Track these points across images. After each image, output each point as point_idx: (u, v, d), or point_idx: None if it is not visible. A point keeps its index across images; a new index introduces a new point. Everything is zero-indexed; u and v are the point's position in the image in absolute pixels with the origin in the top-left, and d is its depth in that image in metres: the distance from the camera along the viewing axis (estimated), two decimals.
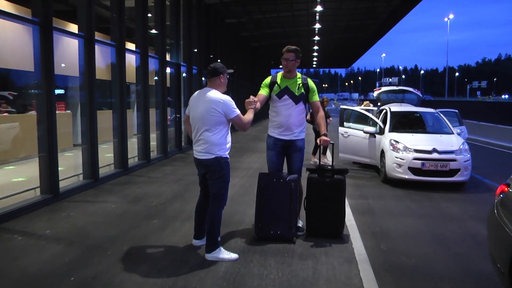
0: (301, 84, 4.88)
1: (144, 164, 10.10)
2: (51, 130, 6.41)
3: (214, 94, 4.12)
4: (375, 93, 11.71)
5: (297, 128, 4.90)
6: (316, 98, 4.96)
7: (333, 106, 62.02)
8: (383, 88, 12.21)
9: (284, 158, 5.03)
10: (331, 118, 11.43)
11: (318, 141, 4.73)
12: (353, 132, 9.81)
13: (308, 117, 10.90)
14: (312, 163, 10.47)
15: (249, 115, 4.29)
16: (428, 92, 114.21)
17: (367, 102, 12.53)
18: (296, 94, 4.85)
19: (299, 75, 4.96)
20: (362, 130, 9.55)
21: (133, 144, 10.73)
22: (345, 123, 10.04)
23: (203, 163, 4.16)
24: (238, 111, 4.15)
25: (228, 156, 4.19)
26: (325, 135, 4.80)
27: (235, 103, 4.19)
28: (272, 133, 4.98)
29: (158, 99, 11.57)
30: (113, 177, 8.50)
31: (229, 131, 4.25)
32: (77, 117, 8.43)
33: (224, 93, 4.26)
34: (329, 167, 4.85)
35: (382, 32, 26.36)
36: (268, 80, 5.00)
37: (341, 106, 10.49)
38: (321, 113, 4.94)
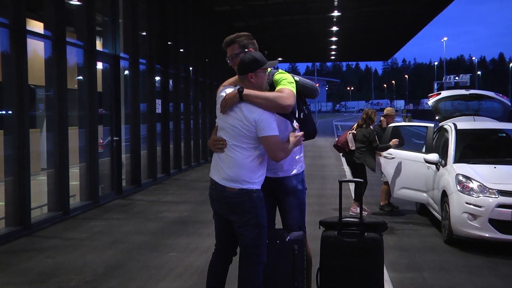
0: (268, 89, 4.72)
1: (58, 217, 9.98)
2: None
3: None
4: (431, 101, 11.73)
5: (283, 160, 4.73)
6: (281, 87, 4.67)
7: None
8: (445, 93, 12.24)
9: (275, 207, 5.00)
10: (383, 155, 10.75)
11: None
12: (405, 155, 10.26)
13: (351, 143, 10.84)
14: (353, 214, 10.17)
15: (289, 145, 4.64)
16: None
17: (391, 109, 12.35)
18: None
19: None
20: (424, 159, 9.79)
21: (40, 185, 10.60)
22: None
23: (226, 196, 4.50)
24: (276, 129, 4.50)
25: (260, 187, 4.58)
26: (240, 90, 4.56)
27: (207, 115, 4.20)
28: None
29: (84, 112, 11.54)
30: (4, 240, 8.36)
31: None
32: None
33: None
34: (356, 220, 4.82)
35: (441, 2, 26.72)
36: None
37: (441, 124, 10.79)
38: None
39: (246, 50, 4.78)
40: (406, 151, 10.53)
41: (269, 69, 4.79)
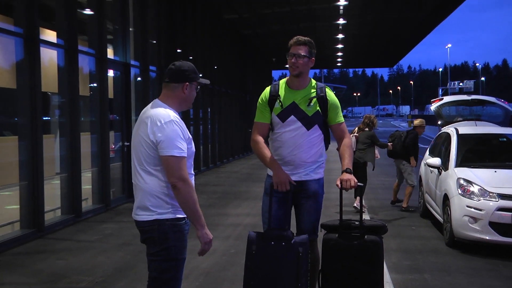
0: (315, 98, 4.94)
1: (70, 220, 10.04)
2: None
3: (158, 111, 3.90)
4: (433, 106, 11.79)
5: (310, 165, 4.98)
6: (340, 118, 5.06)
7: None
8: (447, 98, 12.29)
9: (290, 209, 5.07)
10: (377, 155, 11.67)
11: (337, 183, 4.71)
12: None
13: (354, 145, 11.21)
14: (357, 207, 10.86)
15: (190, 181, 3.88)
16: None
17: (420, 121, 12.20)
18: (309, 114, 4.92)
19: (313, 82, 5.04)
20: (426, 163, 9.87)
21: (53, 189, 10.66)
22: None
23: (139, 227, 3.95)
24: (181, 150, 3.79)
25: (181, 216, 3.91)
26: (349, 171, 4.79)
27: (216, 121, 4.11)
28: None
29: (95, 118, 11.59)
30: (19, 242, 8.41)
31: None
32: None
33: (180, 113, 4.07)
34: (356, 223, 4.82)
35: (446, 8, 26.60)
36: (266, 93, 5.04)
37: (443, 129, 10.87)
38: (348, 140, 5.02)
39: (305, 55, 4.89)
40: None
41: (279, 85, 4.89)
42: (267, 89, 5.05)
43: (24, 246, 8.35)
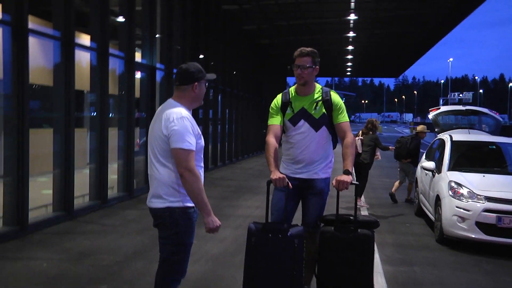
0: (320, 102, 4.98)
1: (97, 206, 10.17)
2: None
3: (172, 109, 3.97)
4: (431, 114, 11.80)
5: (318, 164, 5.04)
6: (343, 118, 5.04)
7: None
8: (444, 108, 12.31)
9: (297, 204, 5.15)
10: (378, 156, 11.82)
11: (333, 183, 4.77)
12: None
13: (359, 147, 11.35)
14: (359, 206, 11.07)
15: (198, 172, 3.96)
16: None
17: (422, 127, 12.67)
18: (316, 116, 4.98)
19: (318, 87, 5.09)
20: (421, 166, 9.93)
21: (83, 178, 10.79)
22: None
23: (152, 213, 4.05)
24: (189, 144, 3.86)
25: (190, 205, 3.98)
26: (348, 172, 4.82)
27: (233, 121, 4.17)
28: (284, 170, 5.12)
29: (123, 115, 11.72)
30: (50, 223, 8.56)
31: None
32: None
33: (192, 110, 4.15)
34: (351, 218, 4.87)
35: (448, 25, 26.51)
36: (278, 100, 5.12)
37: (439, 136, 10.89)
38: (349, 140, 4.97)
39: (309, 65, 4.91)
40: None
41: (291, 89, 4.94)
42: (279, 97, 5.12)
43: (56, 226, 8.50)
